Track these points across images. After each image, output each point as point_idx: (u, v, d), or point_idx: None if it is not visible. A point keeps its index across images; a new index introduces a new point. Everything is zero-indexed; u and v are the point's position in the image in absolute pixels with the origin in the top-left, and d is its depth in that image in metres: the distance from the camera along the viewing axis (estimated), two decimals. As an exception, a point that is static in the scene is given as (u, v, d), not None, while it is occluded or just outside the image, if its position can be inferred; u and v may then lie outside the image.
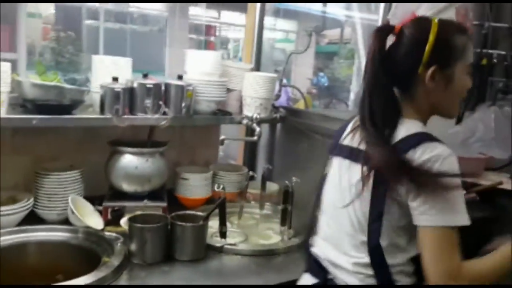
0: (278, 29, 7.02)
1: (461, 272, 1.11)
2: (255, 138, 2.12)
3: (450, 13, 1.24)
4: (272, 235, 1.94)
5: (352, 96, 5.34)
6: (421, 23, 1.20)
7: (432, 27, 1.17)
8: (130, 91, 1.84)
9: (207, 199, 2.11)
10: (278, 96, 2.46)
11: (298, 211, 1.96)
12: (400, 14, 1.28)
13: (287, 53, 7.32)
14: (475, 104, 2.60)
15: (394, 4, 1.48)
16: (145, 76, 1.92)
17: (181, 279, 1.51)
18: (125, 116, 1.82)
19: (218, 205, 1.70)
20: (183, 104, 1.93)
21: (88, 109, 1.90)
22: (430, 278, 1.12)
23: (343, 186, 1.27)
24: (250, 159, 2.55)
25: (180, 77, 1.97)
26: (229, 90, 2.19)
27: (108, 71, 1.84)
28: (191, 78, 2.02)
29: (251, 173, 2.20)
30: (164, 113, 1.91)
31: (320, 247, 1.35)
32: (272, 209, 2.12)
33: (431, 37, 1.16)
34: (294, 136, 2.33)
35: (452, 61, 1.19)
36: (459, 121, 2.48)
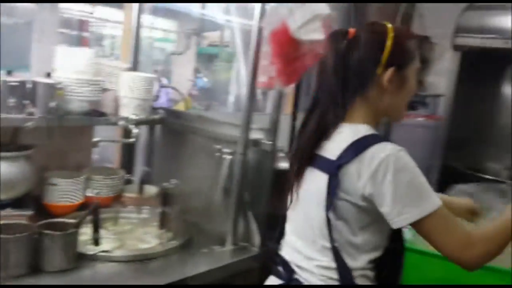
0: (158, 28, 6.88)
1: (471, 238, 1.16)
2: (132, 140, 2.06)
3: (317, 24, 1.33)
4: (150, 239, 1.90)
5: (231, 98, 5.44)
6: (378, 28, 1.26)
7: (388, 32, 1.23)
8: (-10, 89, 1.68)
9: (79, 205, 1.99)
10: (157, 97, 2.41)
11: (178, 213, 1.95)
12: (272, 22, 1.34)
13: (167, 53, 7.22)
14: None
15: (267, 12, 1.55)
16: (9, 73, 1.76)
17: (49, 292, 1.41)
18: (-16, 117, 1.65)
19: (91, 211, 1.62)
20: (52, 104, 1.81)
21: None
22: (452, 258, 1.16)
23: (303, 192, 1.30)
24: (127, 162, 2.46)
25: (48, 75, 1.84)
26: (104, 90, 2.10)
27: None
28: (61, 76, 1.90)
29: (128, 176, 2.14)
30: (30, 114, 1.77)
31: (287, 252, 1.36)
32: (151, 212, 2.08)
33: (389, 41, 1.22)
34: (173, 138, 2.31)
35: (406, 64, 1.25)
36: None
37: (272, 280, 1.39)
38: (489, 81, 3.25)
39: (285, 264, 1.35)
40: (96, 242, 1.67)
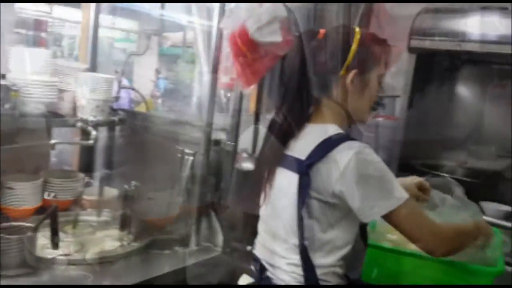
0: (118, 28, 6.75)
1: (438, 226, 1.23)
2: (91, 142, 2.03)
3: (276, 25, 1.35)
4: (111, 241, 1.88)
5: (194, 99, 5.41)
6: (345, 31, 1.29)
7: (355, 35, 1.26)
8: None
9: (37, 209, 1.95)
10: (117, 98, 2.38)
11: (140, 215, 1.94)
12: (230, 24, 1.35)
13: (128, 53, 7.09)
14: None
15: (226, 15, 1.56)
16: (-40, 74, 1.71)
17: (6, 298, 1.38)
18: None
19: (49, 214, 1.59)
20: (6, 106, 1.76)
21: None
22: (421, 245, 1.21)
23: (274, 192, 1.31)
24: (86, 164, 2.42)
25: (4, 77, 1.80)
26: (61, 91, 2.05)
27: None
28: (16, 78, 1.85)
29: (87, 179, 2.10)
30: (-16, 116, 1.72)
31: (259, 250, 1.38)
32: (111, 215, 2.05)
33: (354, 44, 1.25)
34: (134, 139, 2.28)
35: (369, 67, 1.29)
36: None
37: (244, 278, 1.41)
38: (444, 82, 3.36)
39: (257, 262, 1.38)
40: (55, 245, 1.64)
